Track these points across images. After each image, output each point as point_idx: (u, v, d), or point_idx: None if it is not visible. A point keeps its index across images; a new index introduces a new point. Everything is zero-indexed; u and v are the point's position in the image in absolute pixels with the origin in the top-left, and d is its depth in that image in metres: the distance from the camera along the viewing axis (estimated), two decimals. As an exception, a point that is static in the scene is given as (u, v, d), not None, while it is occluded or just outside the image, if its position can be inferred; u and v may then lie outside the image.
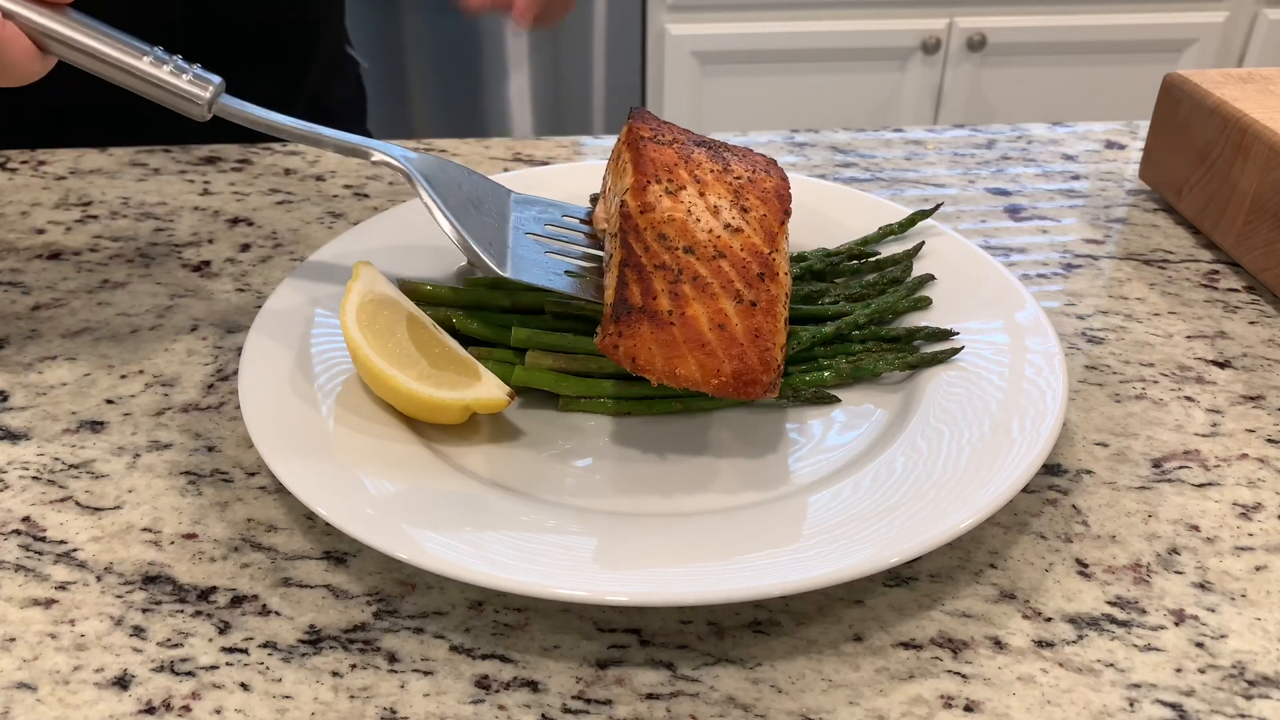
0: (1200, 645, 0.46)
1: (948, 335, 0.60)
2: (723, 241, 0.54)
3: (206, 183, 0.82)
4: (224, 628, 0.46)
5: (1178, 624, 0.47)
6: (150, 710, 0.43)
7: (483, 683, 0.44)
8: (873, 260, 0.67)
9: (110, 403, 0.59)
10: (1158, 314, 0.68)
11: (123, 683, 0.44)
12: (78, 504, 0.53)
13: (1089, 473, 0.55)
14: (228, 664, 0.45)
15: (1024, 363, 0.57)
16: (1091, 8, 2.08)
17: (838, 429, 0.57)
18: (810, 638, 0.46)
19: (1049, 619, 0.47)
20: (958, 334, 0.60)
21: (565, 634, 0.46)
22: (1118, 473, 0.55)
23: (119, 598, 0.48)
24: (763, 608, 0.48)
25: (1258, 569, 0.50)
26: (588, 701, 0.44)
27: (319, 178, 0.83)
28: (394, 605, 0.48)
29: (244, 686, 0.44)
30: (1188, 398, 0.61)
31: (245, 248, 0.74)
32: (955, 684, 0.44)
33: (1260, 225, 0.70)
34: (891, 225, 0.69)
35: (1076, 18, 2.08)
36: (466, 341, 0.58)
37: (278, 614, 0.47)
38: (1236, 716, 0.43)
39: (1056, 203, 0.82)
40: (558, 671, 0.45)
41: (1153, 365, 0.64)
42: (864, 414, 0.58)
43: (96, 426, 0.58)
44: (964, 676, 0.45)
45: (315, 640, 0.46)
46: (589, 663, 0.45)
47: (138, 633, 0.46)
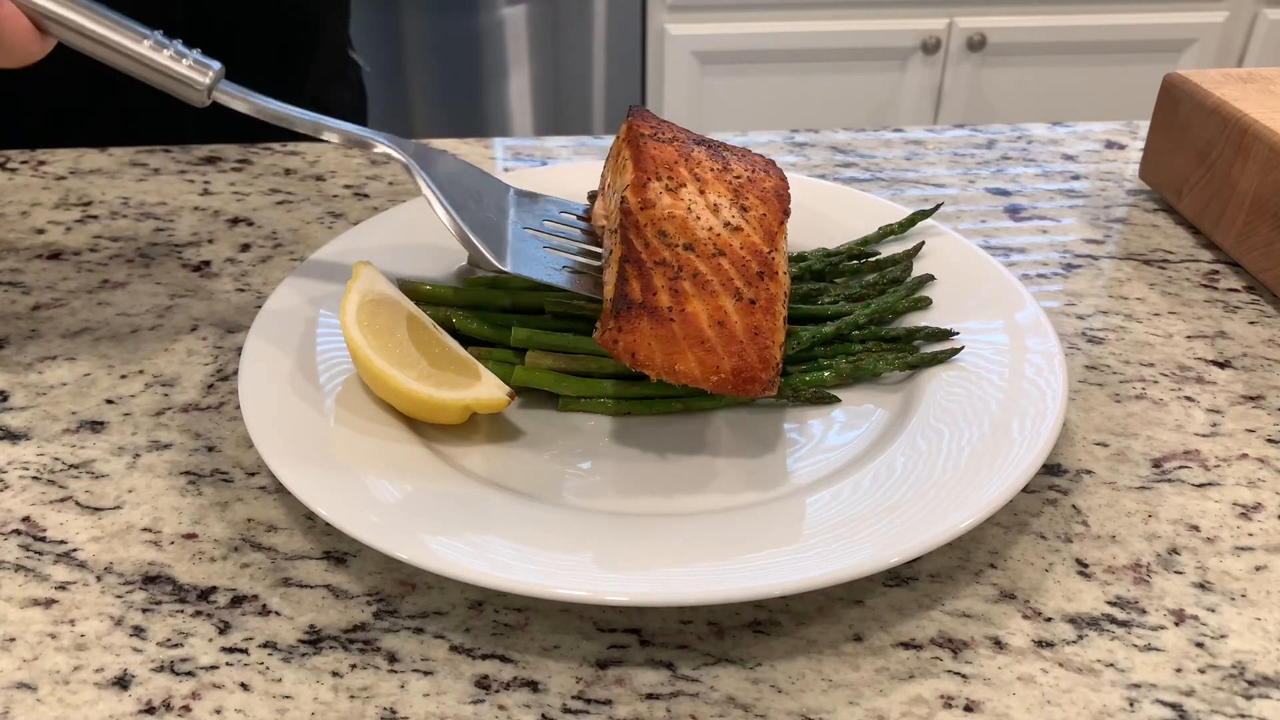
0: (1200, 645, 0.46)
1: (948, 335, 0.61)
2: (722, 240, 0.54)
3: (206, 183, 0.82)
4: (224, 628, 0.46)
5: (1178, 624, 0.47)
6: (150, 710, 0.43)
7: (483, 683, 0.44)
8: (873, 260, 0.67)
9: (110, 403, 0.59)
10: (1158, 314, 0.68)
11: (123, 683, 0.44)
12: (78, 504, 0.53)
13: (1089, 473, 0.55)
14: (228, 664, 0.45)
15: (1024, 363, 0.57)
16: (1091, 8, 2.08)
17: (838, 429, 0.57)
18: (810, 638, 0.46)
19: (1049, 619, 0.47)
20: (958, 334, 0.60)
21: (565, 634, 0.46)
22: (1118, 473, 0.55)
23: (119, 598, 0.48)
24: (763, 608, 0.48)
25: (1258, 569, 0.50)
26: (588, 701, 0.44)
27: (319, 178, 0.83)
28: (394, 605, 0.48)
29: (244, 686, 0.44)
30: (1188, 398, 0.61)
31: (245, 248, 0.74)
32: (955, 684, 0.44)
33: (1260, 225, 0.70)
34: (891, 225, 0.69)
35: (1076, 18, 2.08)
36: (466, 341, 0.58)
37: (278, 614, 0.47)
38: (1236, 716, 0.43)
39: (1056, 203, 0.82)
40: (558, 671, 0.45)
41: (1153, 365, 0.64)
42: (864, 414, 0.58)
43: (96, 426, 0.58)
44: (964, 676, 0.45)
45: (315, 640, 0.46)
46: (589, 663, 0.45)
47: (138, 633, 0.46)
